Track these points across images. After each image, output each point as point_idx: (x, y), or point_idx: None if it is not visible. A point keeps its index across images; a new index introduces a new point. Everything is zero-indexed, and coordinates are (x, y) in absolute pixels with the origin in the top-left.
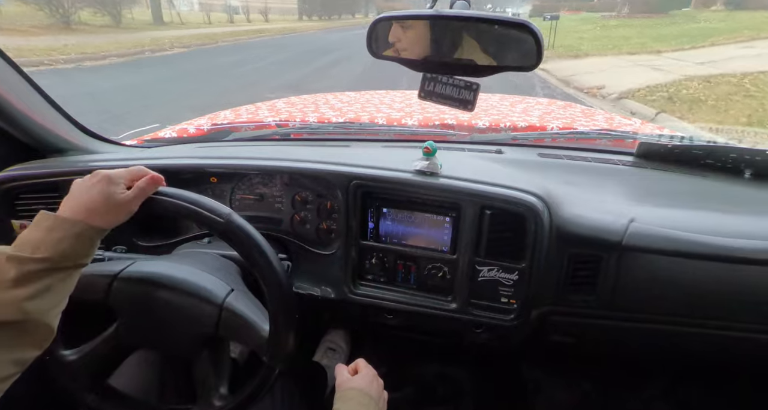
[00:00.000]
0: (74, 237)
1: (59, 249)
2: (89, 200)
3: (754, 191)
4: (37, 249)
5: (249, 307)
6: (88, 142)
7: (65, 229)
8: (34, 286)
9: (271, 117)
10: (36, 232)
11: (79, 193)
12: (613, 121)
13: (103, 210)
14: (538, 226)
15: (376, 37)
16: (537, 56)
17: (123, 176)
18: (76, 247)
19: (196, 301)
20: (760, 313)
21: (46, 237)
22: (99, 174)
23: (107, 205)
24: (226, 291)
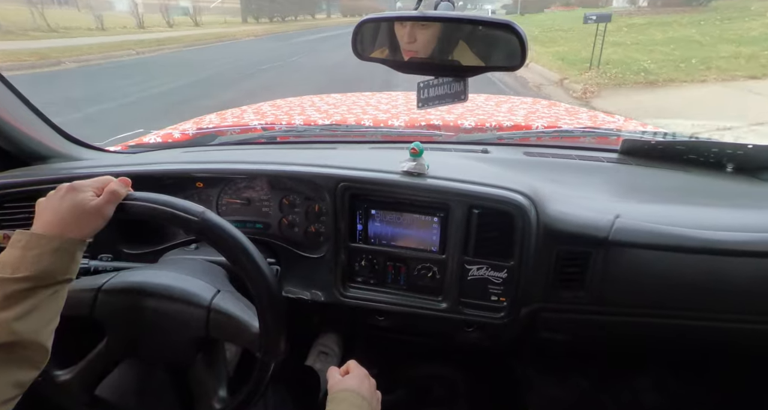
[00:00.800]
0: (53, 252)
1: (40, 267)
2: (60, 212)
3: (736, 185)
4: (17, 269)
5: (237, 306)
6: (71, 149)
7: (42, 245)
8: (21, 306)
9: (256, 120)
10: (14, 252)
11: (49, 207)
12: (597, 118)
13: (76, 221)
14: (526, 224)
15: (361, 39)
16: (521, 56)
17: (88, 185)
18: (56, 263)
19: (183, 306)
20: (744, 304)
21: (25, 256)
22: (63, 187)
23: (79, 213)
24: (213, 293)
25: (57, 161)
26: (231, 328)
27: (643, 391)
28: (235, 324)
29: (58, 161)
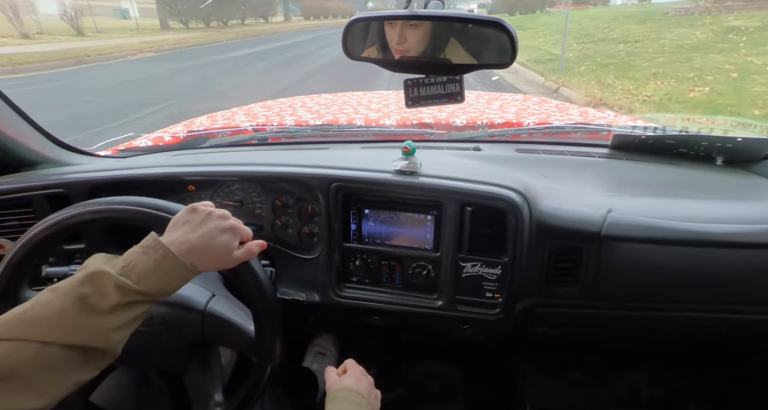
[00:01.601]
0: (179, 277)
1: (160, 287)
2: (208, 245)
3: (726, 177)
4: (142, 279)
5: (232, 310)
6: (61, 154)
7: (173, 267)
8: (125, 317)
9: (247, 122)
10: (145, 260)
11: (201, 234)
12: (587, 114)
13: (213, 259)
14: (519, 221)
15: (351, 39)
16: (511, 54)
17: (243, 232)
18: (173, 286)
19: (177, 310)
20: (736, 295)
21: (154, 271)
22: (229, 222)
23: (221, 255)
24: (207, 297)
25: (47, 167)
26: (226, 333)
27: (639, 384)
28: (230, 328)
29: (48, 167)
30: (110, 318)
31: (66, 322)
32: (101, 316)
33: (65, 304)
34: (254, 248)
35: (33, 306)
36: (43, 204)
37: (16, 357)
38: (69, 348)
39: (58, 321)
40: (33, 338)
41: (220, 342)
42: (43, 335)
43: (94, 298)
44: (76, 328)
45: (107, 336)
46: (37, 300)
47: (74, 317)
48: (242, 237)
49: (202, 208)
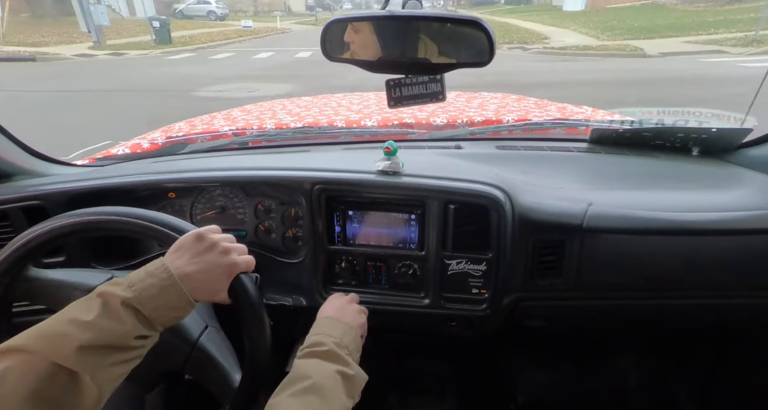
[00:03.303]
0: (177, 308)
1: (159, 314)
2: (205, 279)
3: (703, 167)
4: (145, 305)
5: (221, 351)
6: (36, 165)
7: (175, 295)
8: (96, 333)
9: (227, 126)
10: (152, 282)
11: (203, 265)
12: (565, 110)
13: (207, 293)
14: (501, 217)
15: (330, 40)
16: (489, 53)
17: (244, 268)
18: (170, 316)
19: (169, 336)
20: (714, 281)
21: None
22: (228, 259)
23: (215, 292)
24: (201, 329)
25: (23, 178)
26: (209, 372)
27: (627, 371)
28: (214, 369)
29: (24, 178)
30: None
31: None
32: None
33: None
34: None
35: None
36: (20, 216)
37: None
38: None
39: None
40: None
41: (198, 378)
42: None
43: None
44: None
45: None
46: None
47: None
48: (243, 270)
49: (207, 237)
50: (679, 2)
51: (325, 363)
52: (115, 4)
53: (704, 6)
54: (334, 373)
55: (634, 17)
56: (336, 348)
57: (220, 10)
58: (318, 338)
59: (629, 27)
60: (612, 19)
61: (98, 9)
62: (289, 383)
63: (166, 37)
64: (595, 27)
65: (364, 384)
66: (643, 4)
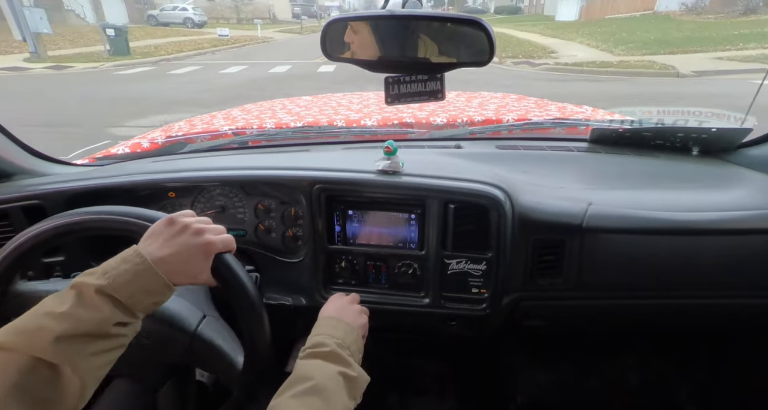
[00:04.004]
0: (155, 292)
1: (137, 300)
2: (181, 261)
3: (702, 167)
4: (120, 291)
5: (221, 336)
6: (36, 164)
7: (150, 279)
8: (71, 323)
9: (227, 125)
10: (124, 272)
11: (176, 248)
12: (565, 110)
13: (186, 275)
14: (501, 216)
15: (330, 40)
16: (489, 52)
17: (221, 248)
18: (150, 301)
19: (168, 328)
20: (715, 281)
21: (133, 282)
22: (203, 238)
23: (194, 273)
24: (198, 318)
25: (23, 178)
26: (212, 359)
27: (627, 371)
28: (217, 355)
29: (24, 178)
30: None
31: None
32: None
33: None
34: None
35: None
36: (20, 216)
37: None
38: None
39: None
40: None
41: (203, 367)
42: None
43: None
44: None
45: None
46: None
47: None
48: (221, 250)
49: (179, 220)
50: (685, 13)
51: (328, 364)
52: (80, 9)
53: (715, 18)
54: (336, 375)
55: (642, 29)
56: (338, 350)
57: (198, 17)
58: (320, 338)
59: (644, 40)
60: (618, 30)
61: (35, 13)
62: (291, 384)
63: (122, 47)
64: (603, 39)
65: (365, 385)
66: (643, 14)
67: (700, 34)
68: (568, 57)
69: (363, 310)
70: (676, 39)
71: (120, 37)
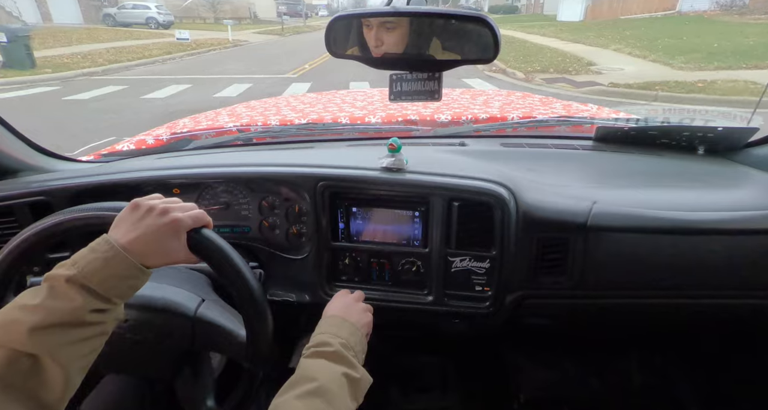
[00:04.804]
0: (129, 277)
1: (110, 286)
2: (151, 242)
3: (708, 166)
4: (91, 279)
5: (222, 315)
6: (42, 161)
7: (121, 264)
8: (44, 315)
9: (231, 122)
10: (94, 260)
11: (143, 229)
12: (570, 108)
13: (161, 256)
14: (505, 214)
15: (334, 37)
16: (494, 48)
17: (190, 224)
18: (125, 287)
19: (168, 316)
20: (721, 280)
21: (104, 269)
22: (170, 216)
23: (168, 252)
24: (197, 303)
25: (28, 174)
26: (217, 339)
27: (630, 371)
28: (221, 334)
29: (30, 174)
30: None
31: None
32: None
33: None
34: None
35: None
36: (26, 212)
37: None
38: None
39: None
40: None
41: (211, 348)
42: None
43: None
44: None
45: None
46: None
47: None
48: (191, 226)
49: (144, 203)
50: (722, 13)
51: (332, 365)
52: (12, 5)
53: (766, 18)
54: (340, 376)
55: (683, 33)
56: (343, 350)
57: (163, 17)
58: (325, 338)
59: (706, 49)
60: (654, 34)
61: None
62: (295, 383)
63: (21, 57)
64: (644, 46)
65: (368, 386)
66: (666, 15)
67: None
68: (614, 72)
69: (367, 308)
70: (748, 47)
71: (17, 44)
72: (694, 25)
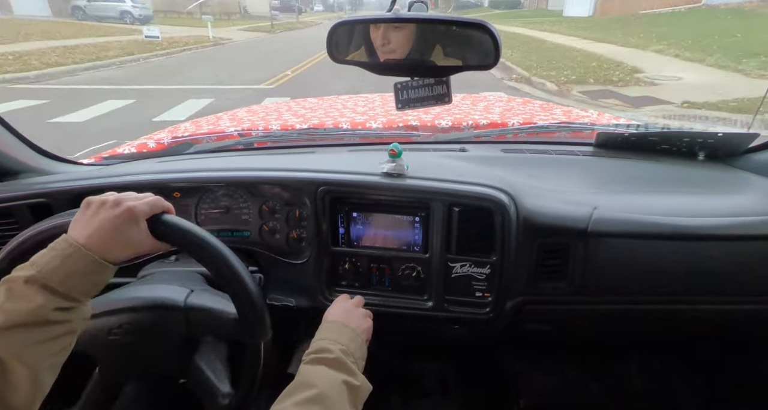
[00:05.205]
0: (90, 273)
1: (72, 283)
2: (109, 235)
3: (708, 172)
4: (50, 277)
5: (213, 300)
6: (43, 163)
7: (80, 260)
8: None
9: (233, 127)
10: (52, 259)
11: (98, 224)
12: (571, 113)
13: (123, 246)
14: (506, 220)
15: (336, 42)
16: (495, 55)
17: (147, 210)
18: (87, 282)
19: (159, 312)
20: (720, 286)
21: (62, 267)
22: (123, 206)
23: (129, 242)
24: (186, 293)
25: (29, 176)
26: (210, 321)
27: (630, 376)
28: (213, 316)
29: (30, 176)
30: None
31: None
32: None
33: None
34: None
35: None
36: (26, 214)
37: None
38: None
39: None
40: None
41: (207, 333)
42: None
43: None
44: None
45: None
46: None
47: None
48: (148, 213)
49: (95, 199)
50: (763, 4)
51: (332, 372)
52: None
53: None
54: (340, 383)
55: (736, 29)
56: (343, 357)
57: (139, 11)
58: (325, 344)
59: None
60: (689, 30)
61: None
62: (294, 390)
63: None
64: (700, 48)
65: (367, 394)
66: (691, 8)
67: None
68: (671, 82)
69: (367, 314)
70: None
71: None
72: (736, 19)
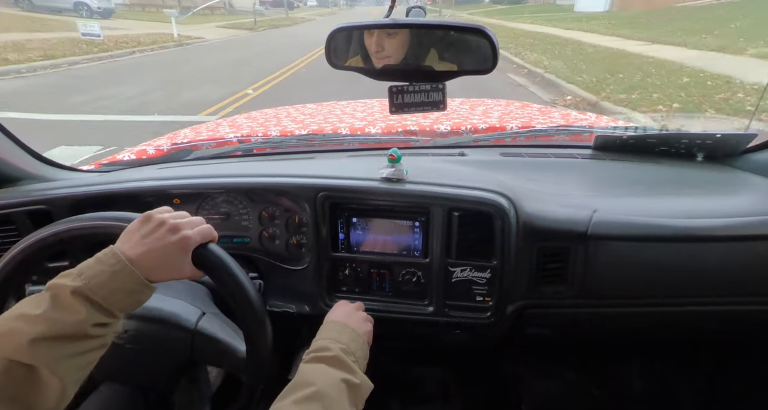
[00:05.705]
0: (132, 292)
1: (114, 300)
2: (158, 258)
3: (707, 173)
4: (96, 292)
5: (222, 329)
6: (42, 170)
7: (127, 278)
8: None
9: (232, 133)
10: (100, 273)
11: (152, 245)
12: (569, 116)
13: (166, 271)
14: (506, 224)
15: (335, 48)
16: (493, 60)
17: (198, 241)
18: (127, 301)
19: (168, 328)
20: (721, 288)
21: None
22: (179, 234)
23: (173, 269)
24: (198, 316)
25: (29, 183)
26: (216, 352)
27: (631, 379)
28: (220, 348)
29: (30, 182)
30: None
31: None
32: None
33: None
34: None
35: None
36: (26, 221)
37: None
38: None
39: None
40: None
41: (210, 362)
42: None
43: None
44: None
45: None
46: None
47: None
48: (199, 242)
49: (155, 217)
50: None
51: (331, 370)
52: None
53: None
54: (340, 381)
55: None
56: (343, 355)
57: (98, 3)
58: (325, 343)
59: None
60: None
61: None
62: (293, 389)
63: None
64: None
65: (368, 393)
66: (732, 1)
67: None
68: None
69: (368, 318)
70: None
71: None
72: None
